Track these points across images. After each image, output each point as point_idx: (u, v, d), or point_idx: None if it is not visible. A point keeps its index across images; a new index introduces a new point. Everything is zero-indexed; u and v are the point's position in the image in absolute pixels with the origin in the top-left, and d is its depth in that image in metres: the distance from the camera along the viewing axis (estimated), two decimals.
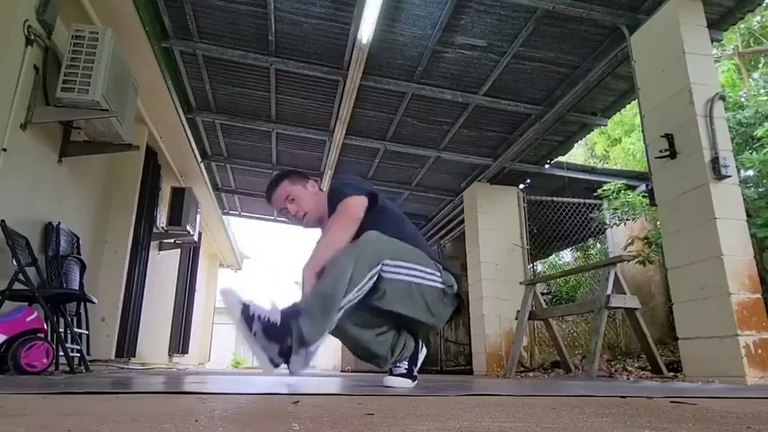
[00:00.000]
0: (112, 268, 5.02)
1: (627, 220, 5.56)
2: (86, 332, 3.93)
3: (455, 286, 1.96)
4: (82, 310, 3.87)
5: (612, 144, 9.70)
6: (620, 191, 5.59)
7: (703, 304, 3.01)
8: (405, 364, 2.05)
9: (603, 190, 5.79)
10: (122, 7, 3.82)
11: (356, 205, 1.95)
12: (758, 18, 7.59)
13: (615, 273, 4.01)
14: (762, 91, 5.42)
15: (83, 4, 3.70)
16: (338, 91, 5.14)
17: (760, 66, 7.79)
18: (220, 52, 4.70)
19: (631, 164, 8.44)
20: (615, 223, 5.75)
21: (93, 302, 3.72)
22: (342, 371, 8.75)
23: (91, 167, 4.54)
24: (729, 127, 4.21)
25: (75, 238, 4.07)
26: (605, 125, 5.85)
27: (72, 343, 3.43)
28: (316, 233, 2.17)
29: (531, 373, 5.14)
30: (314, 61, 4.78)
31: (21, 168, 3.30)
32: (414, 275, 1.84)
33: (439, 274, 1.93)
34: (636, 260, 5.02)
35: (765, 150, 4.05)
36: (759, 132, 4.11)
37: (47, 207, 3.75)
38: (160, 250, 6.76)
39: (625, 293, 4.02)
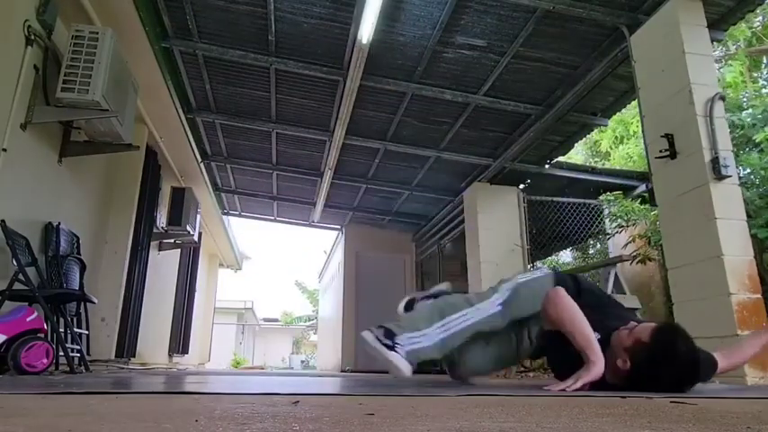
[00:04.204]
0: (112, 268, 5.02)
1: (626, 226, 5.52)
2: (86, 332, 3.93)
3: None
4: (82, 310, 3.88)
5: (618, 143, 9.63)
6: (617, 198, 5.60)
7: (703, 304, 3.01)
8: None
9: (604, 198, 5.79)
10: (122, 7, 3.82)
11: None
12: (759, 18, 7.56)
13: (615, 273, 4.01)
14: (764, 91, 5.39)
15: (83, 4, 3.69)
16: (338, 91, 5.14)
17: (763, 65, 7.77)
18: (220, 52, 4.70)
19: (632, 166, 8.42)
20: (617, 231, 5.71)
21: (93, 302, 3.72)
22: (342, 371, 8.75)
23: (91, 167, 4.54)
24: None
25: (75, 238, 4.06)
26: (605, 125, 5.84)
27: (72, 343, 3.43)
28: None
29: (531, 374, 5.13)
30: (314, 61, 4.78)
31: (21, 168, 3.30)
32: None
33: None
34: (636, 260, 5.01)
35: (766, 159, 4.04)
36: (759, 137, 4.10)
37: (47, 207, 3.75)
38: (160, 250, 6.76)
39: (625, 293, 4.02)
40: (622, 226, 5.51)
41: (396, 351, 2.02)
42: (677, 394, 1.59)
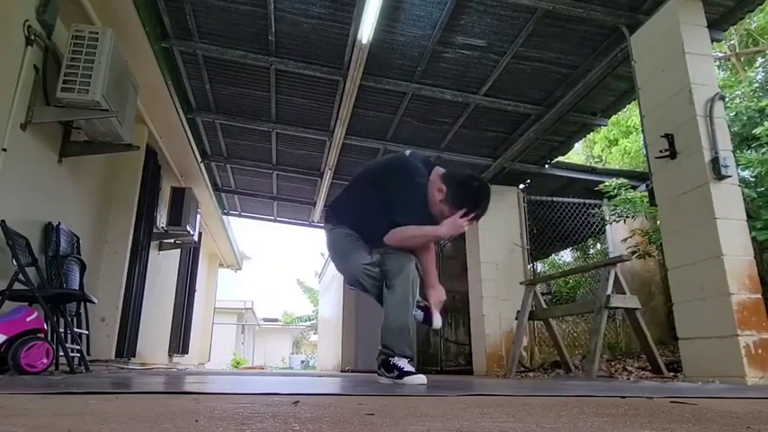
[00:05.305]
0: (112, 268, 5.02)
1: (627, 217, 5.54)
2: (86, 332, 3.93)
3: None
4: (82, 310, 3.87)
5: (611, 145, 9.69)
6: (620, 188, 5.59)
7: (703, 304, 3.01)
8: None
9: (605, 185, 5.78)
10: (122, 7, 3.82)
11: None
12: (755, 19, 7.60)
13: (615, 273, 4.01)
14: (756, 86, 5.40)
15: (83, 4, 3.69)
16: (338, 91, 5.14)
17: (756, 65, 7.81)
18: (220, 52, 4.70)
19: (628, 162, 8.45)
20: (615, 220, 5.73)
21: (93, 302, 3.72)
22: (342, 371, 8.74)
23: (91, 167, 4.54)
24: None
25: (75, 238, 4.06)
26: (605, 125, 5.85)
27: (72, 343, 3.43)
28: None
29: (531, 374, 5.13)
30: (314, 61, 4.78)
31: (21, 168, 3.30)
32: None
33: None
34: (635, 255, 5.02)
35: (764, 150, 4.05)
36: (758, 131, 4.11)
37: (47, 207, 3.75)
38: (160, 250, 6.76)
39: (625, 293, 4.02)
40: (621, 215, 5.51)
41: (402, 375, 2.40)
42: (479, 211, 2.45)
